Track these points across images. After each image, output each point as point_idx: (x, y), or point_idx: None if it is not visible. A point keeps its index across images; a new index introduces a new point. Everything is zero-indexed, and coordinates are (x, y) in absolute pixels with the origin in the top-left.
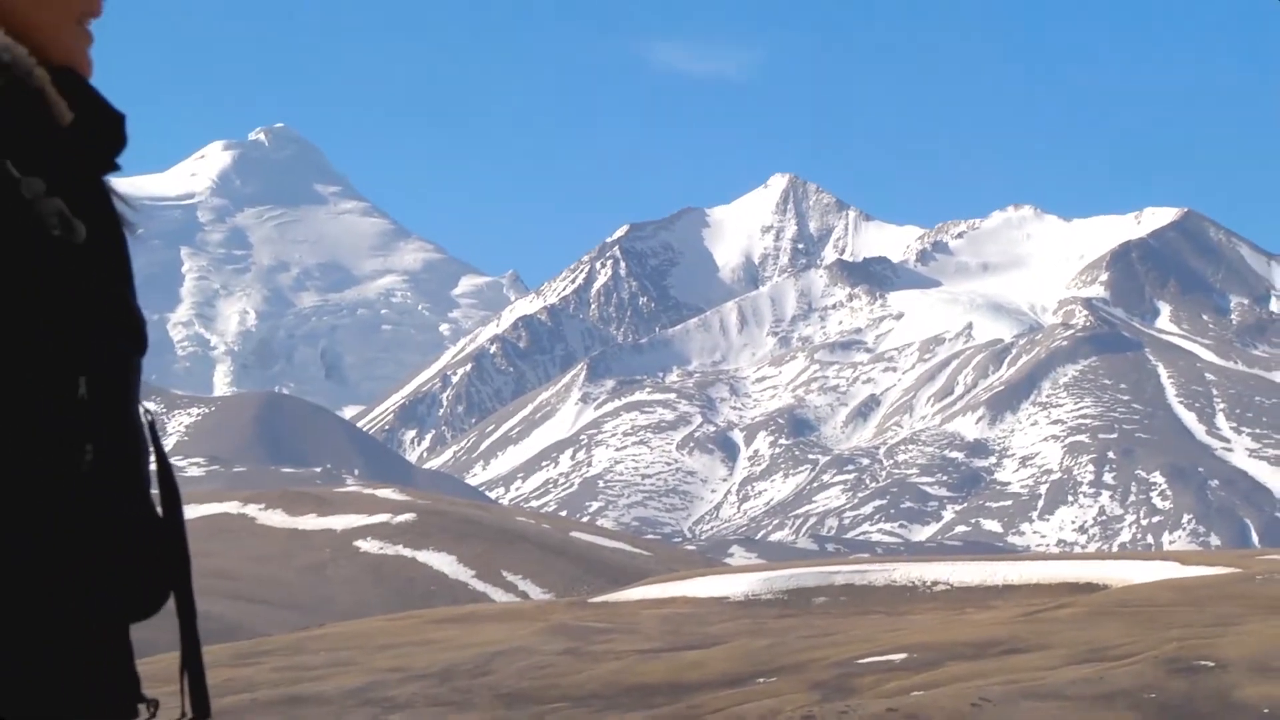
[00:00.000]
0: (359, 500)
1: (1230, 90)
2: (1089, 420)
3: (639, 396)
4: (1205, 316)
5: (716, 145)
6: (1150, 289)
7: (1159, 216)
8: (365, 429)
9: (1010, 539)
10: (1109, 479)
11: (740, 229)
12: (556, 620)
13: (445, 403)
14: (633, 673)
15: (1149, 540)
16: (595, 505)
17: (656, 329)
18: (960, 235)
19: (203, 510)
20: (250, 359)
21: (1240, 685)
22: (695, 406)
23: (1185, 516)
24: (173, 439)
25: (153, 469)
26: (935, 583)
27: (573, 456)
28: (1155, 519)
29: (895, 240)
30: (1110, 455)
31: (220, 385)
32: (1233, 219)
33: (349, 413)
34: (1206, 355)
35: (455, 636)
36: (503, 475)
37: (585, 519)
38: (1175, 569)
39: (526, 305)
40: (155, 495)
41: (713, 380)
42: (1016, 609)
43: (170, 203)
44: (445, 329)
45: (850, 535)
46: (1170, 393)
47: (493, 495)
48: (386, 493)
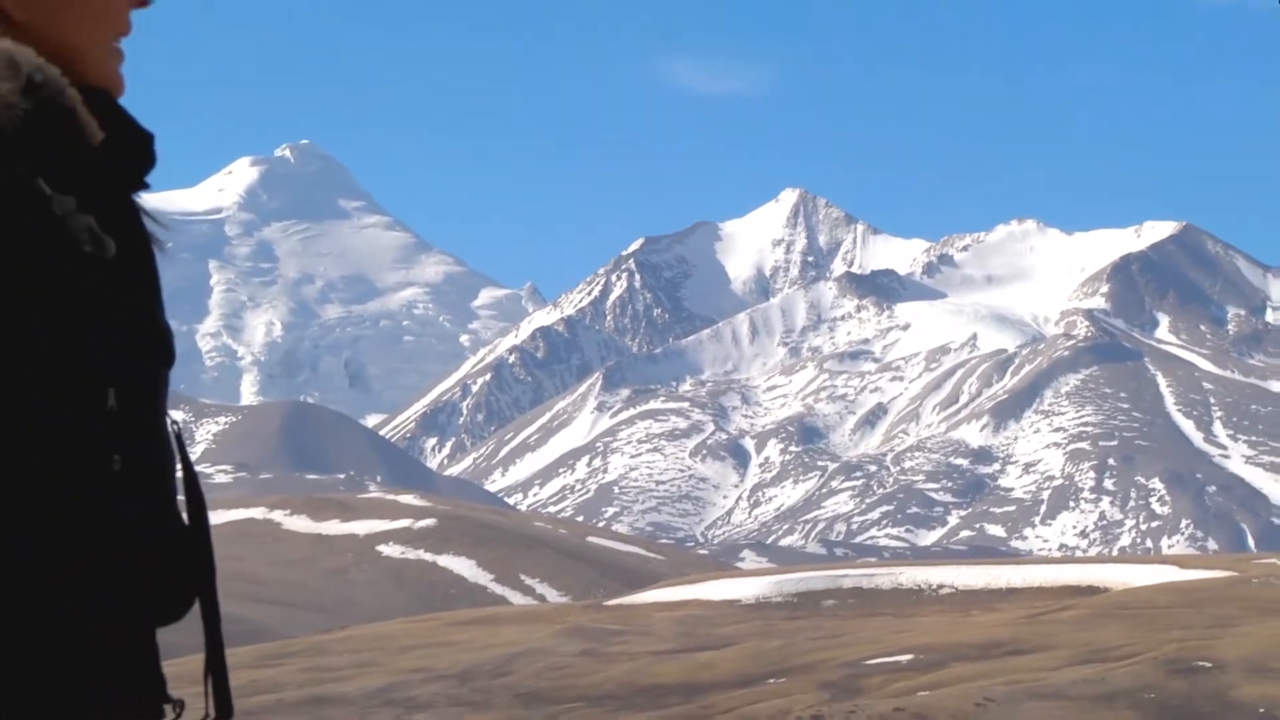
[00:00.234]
0: (381, 506)
1: (1227, 107)
2: (1090, 428)
3: (653, 405)
4: (1203, 327)
5: (729, 161)
6: (1149, 300)
7: (1158, 230)
8: (387, 437)
9: (1013, 543)
10: (1109, 485)
11: (752, 242)
12: (573, 622)
13: (465, 411)
14: (647, 673)
15: (1148, 544)
16: (611, 511)
17: (670, 339)
18: (965, 248)
19: (230, 516)
20: (276, 369)
21: (1238, 685)
22: (708, 415)
23: (1183, 521)
24: (201, 446)
25: (179, 477)
26: (941, 586)
27: (589, 463)
28: (1154, 524)
29: (902, 253)
30: (1111, 462)
31: (247, 394)
32: (1230, 232)
33: (372, 421)
34: (1204, 365)
35: (475, 638)
36: (521, 482)
37: (601, 524)
38: (1174, 572)
39: (544, 317)
40: (181, 502)
41: (725, 389)
42: (1020, 611)
43: (199, 217)
44: (465, 340)
45: (858, 540)
46: (1169, 401)
47: (511, 501)
48: (408, 499)
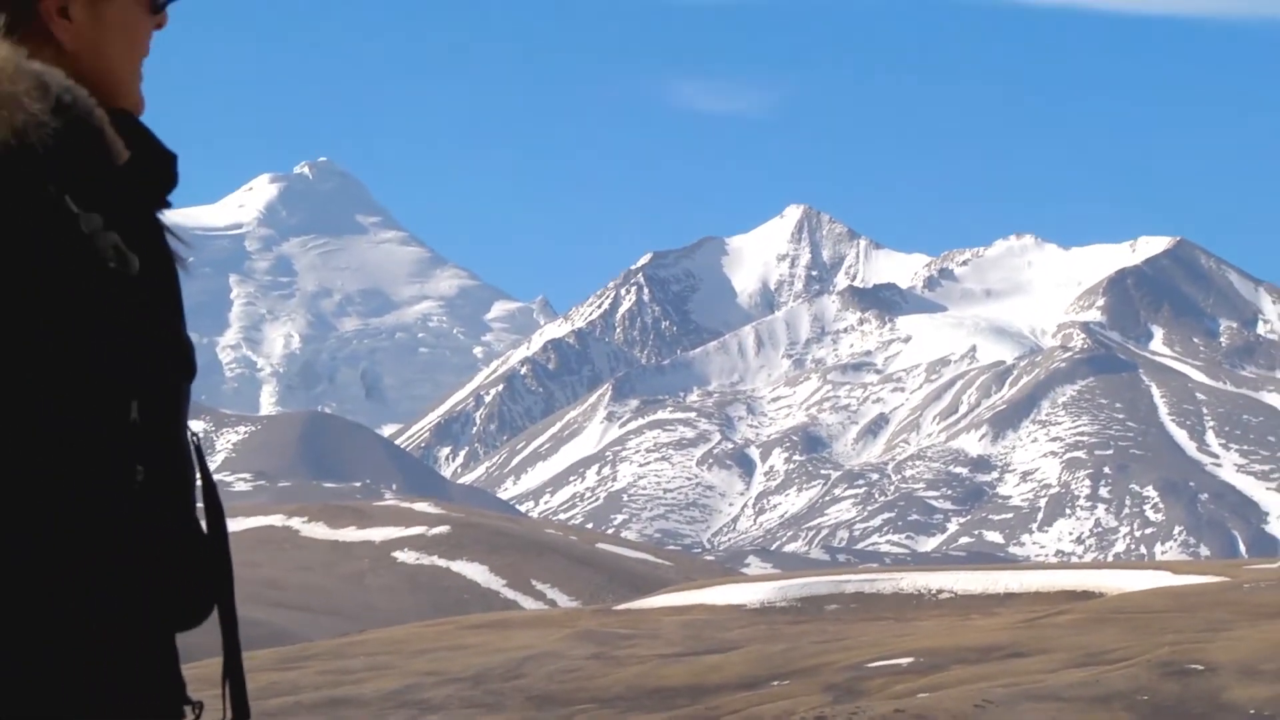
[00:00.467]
0: (397, 514)
1: (1220, 127)
2: (1086, 437)
3: (661, 415)
4: (1196, 339)
5: (735, 178)
6: (1144, 313)
7: (1152, 245)
8: (403, 446)
9: (1011, 549)
10: (1104, 493)
11: (757, 257)
12: (583, 627)
13: (478, 421)
14: (655, 676)
15: (1142, 551)
16: (620, 518)
17: (678, 351)
18: (965, 263)
19: (249, 523)
20: (295, 380)
21: (1229, 687)
22: (714, 425)
23: (1177, 528)
24: (221, 456)
25: (199, 487)
26: (940, 591)
27: (598, 472)
28: (1148, 531)
29: (903, 268)
30: (1106, 470)
31: (266, 405)
32: (1222, 247)
33: (387, 431)
34: (1197, 376)
35: (488, 642)
36: (532, 490)
37: (610, 531)
38: (1167, 578)
39: (555, 329)
40: (201, 511)
41: (731, 400)
42: (1017, 615)
43: (219, 233)
44: (479, 351)
45: (860, 546)
46: (1163, 411)
47: (523, 509)
48: (423, 506)
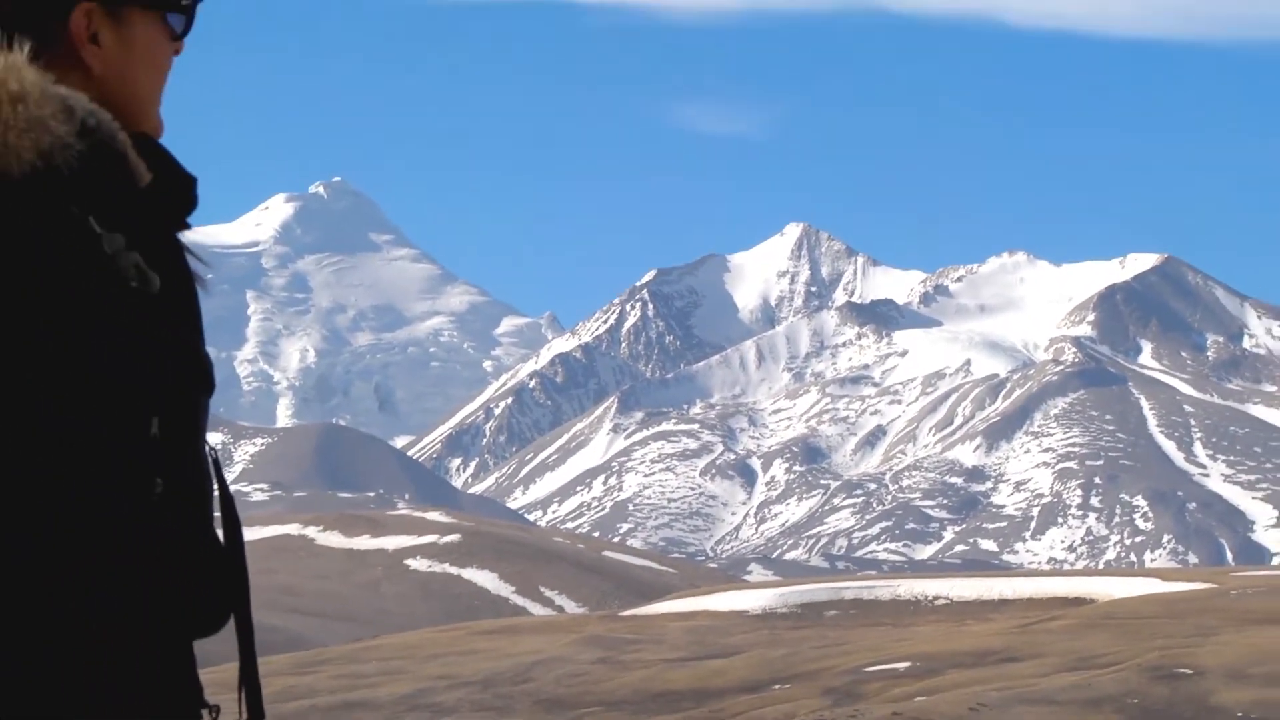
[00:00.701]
0: (409, 522)
1: (1207, 148)
2: (1077, 448)
3: (665, 427)
4: (1184, 353)
5: (736, 198)
6: (1133, 328)
7: (1141, 262)
8: (415, 457)
9: (1005, 557)
10: (1095, 502)
11: (758, 274)
12: (590, 632)
13: (488, 433)
14: (660, 680)
15: (1132, 558)
16: (625, 527)
17: (681, 365)
18: (959, 279)
19: (266, 532)
20: (310, 393)
21: (1217, 691)
22: (717, 436)
23: (1165, 537)
24: (239, 467)
25: (217, 499)
26: (937, 597)
27: (605, 482)
28: (1138, 539)
29: (900, 284)
30: (1097, 480)
31: (282, 417)
32: (1209, 264)
33: (400, 442)
34: (1185, 389)
35: (498, 647)
36: (541, 499)
37: (616, 539)
38: (1157, 585)
39: (563, 344)
40: (218, 521)
41: (733, 412)
42: (1011, 621)
43: (237, 250)
44: (488, 365)
45: (859, 554)
46: (1152, 423)
47: (532, 518)
48: (434, 516)
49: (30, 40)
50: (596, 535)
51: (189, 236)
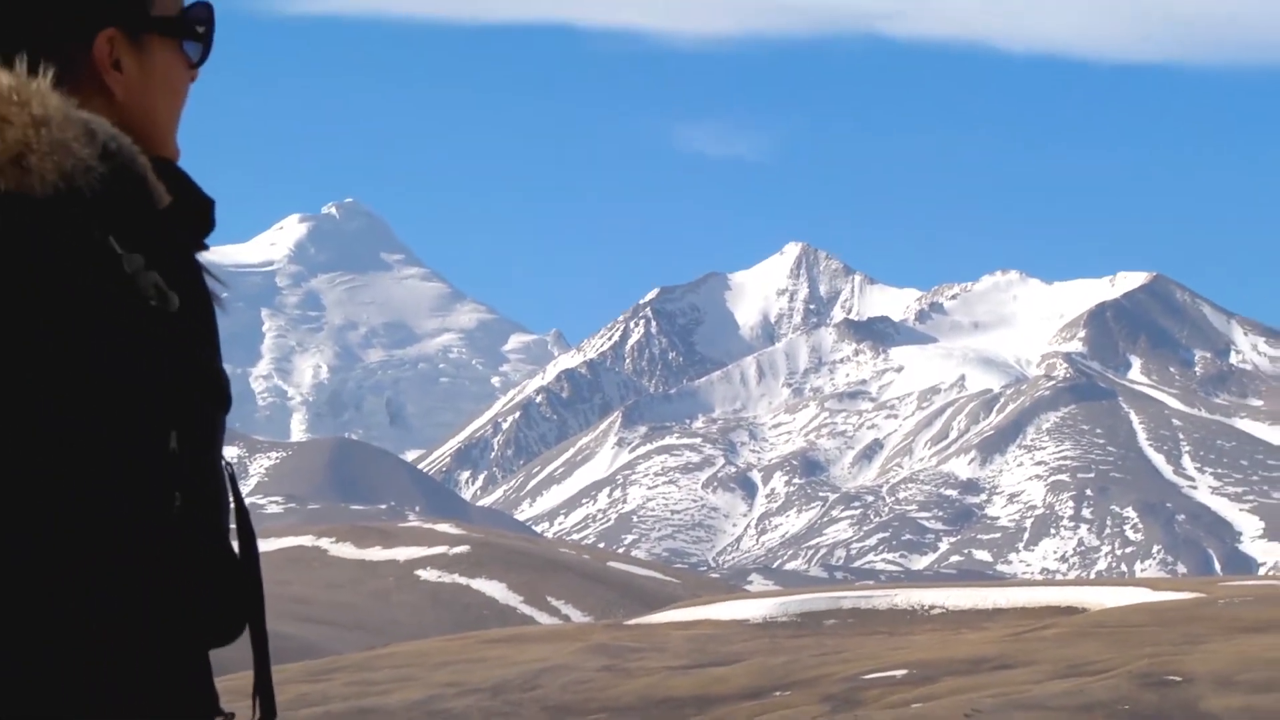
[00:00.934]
0: (420, 534)
1: (1195, 169)
2: (1069, 461)
3: (668, 441)
4: (1172, 369)
5: (736, 218)
6: (1123, 344)
7: (1131, 280)
8: (425, 470)
9: (999, 567)
10: (1087, 514)
11: (758, 292)
12: (595, 640)
13: (496, 447)
14: (664, 687)
15: (1123, 568)
16: (630, 538)
17: (684, 381)
18: (954, 297)
19: (281, 543)
20: (323, 408)
21: (1205, 697)
22: (718, 450)
23: (1155, 547)
24: (254, 480)
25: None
26: (933, 606)
27: (610, 494)
28: (1128, 549)
29: (896, 301)
30: (1088, 492)
31: (296, 431)
32: (1196, 282)
33: (411, 456)
34: (1173, 403)
35: (506, 655)
36: (547, 511)
37: (621, 550)
38: (1146, 594)
39: (568, 360)
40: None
41: (734, 426)
42: (1005, 630)
43: (252, 269)
44: (496, 381)
45: (857, 564)
46: (1141, 437)
47: (539, 529)
48: (444, 527)
49: (54, 66)
50: (602, 546)
51: (207, 257)
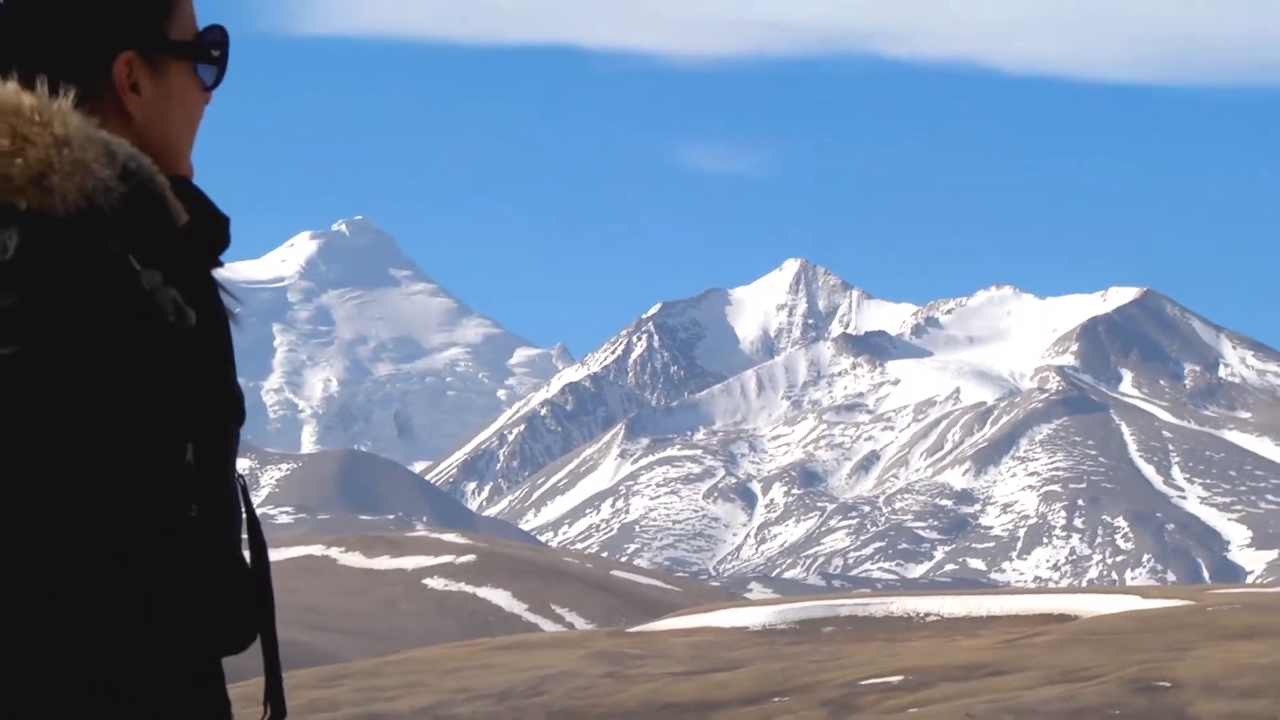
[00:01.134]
0: (427, 543)
1: (1185, 185)
2: (1061, 472)
3: (670, 453)
4: (1162, 382)
5: (737, 234)
6: (1114, 358)
7: (1122, 295)
8: (432, 481)
9: (993, 576)
10: (1079, 523)
11: (758, 307)
12: (599, 647)
13: (502, 458)
14: (666, 693)
15: (1114, 577)
16: (632, 547)
17: (685, 394)
18: (949, 312)
19: (291, 553)
20: (333, 421)
21: (1194, 702)
22: (719, 461)
23: (1145, 556)
24: (265, 491)
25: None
26: (928, 614)
27: (613, 505)
28: (1119, 558)
29: (893, 316)
30: (1080, 503)
31: (307, 443)
32: (1186, 297)
33: (418, 467)
34: (1163, 415)
35: (511, 661)
36: (552, 521)
37: (624, 559)
38: (1137, 602)
39: (573, 373)
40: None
41: (734, 438)
42: (999, 637)
43: (264, 285)
44: (502, 394)
45: (854, 573)
46: (1132, 448)
47: (543, 539)
48: (451, 537)
49: (75, 87)
50: (605, 555)
51: (221, 273)
